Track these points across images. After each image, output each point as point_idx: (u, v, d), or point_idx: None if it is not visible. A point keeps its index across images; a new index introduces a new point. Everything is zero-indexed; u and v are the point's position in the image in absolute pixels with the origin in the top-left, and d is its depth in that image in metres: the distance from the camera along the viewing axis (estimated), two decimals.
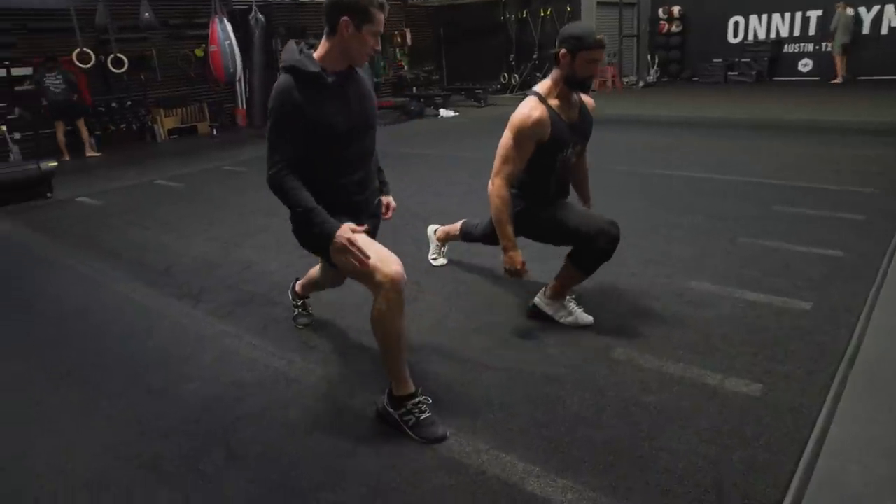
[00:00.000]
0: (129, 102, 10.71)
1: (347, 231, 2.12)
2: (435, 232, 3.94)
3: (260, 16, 10.99)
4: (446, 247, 3.96)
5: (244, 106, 11.84)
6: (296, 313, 3.22)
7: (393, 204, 2.69)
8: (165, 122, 11.15)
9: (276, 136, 2.20)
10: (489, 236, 3.24)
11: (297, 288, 3.20)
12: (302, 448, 2.23)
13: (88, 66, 9.58)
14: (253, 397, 2.58)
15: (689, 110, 10.45)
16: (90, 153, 9.65)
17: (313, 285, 3.08)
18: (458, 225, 3.65)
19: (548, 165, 2.82)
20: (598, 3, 14.67)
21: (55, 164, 6.96)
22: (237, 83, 11.39)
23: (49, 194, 6.84)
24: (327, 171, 2.30)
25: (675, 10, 15.32)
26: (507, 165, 2.75)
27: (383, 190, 2.67)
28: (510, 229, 2.79)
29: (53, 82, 8.94)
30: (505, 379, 2.59)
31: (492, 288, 3.57)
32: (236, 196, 6.37)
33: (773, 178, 5.51)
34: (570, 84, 2.72)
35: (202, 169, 8.04)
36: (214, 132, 11.45)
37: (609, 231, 2.77)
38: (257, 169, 6.87)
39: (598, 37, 2.61)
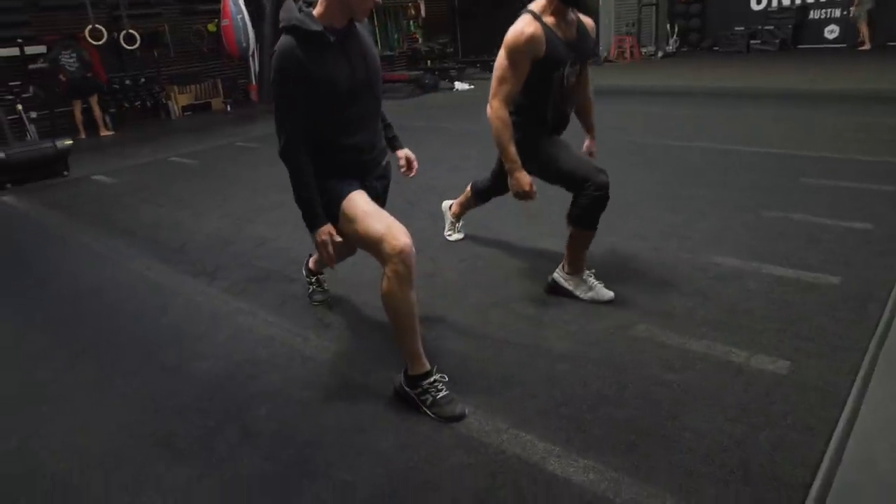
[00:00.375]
0: (142, 80, 10.65)
1: (325, 234, 2.21)
2: (450, 207, 3.87)
3: None
4: (461, 221, 3.89)
5: (256, 81, 11.73)
6: (311, 290, 3.19)
7: (412, 155, 2.63)
8: (179, 99, 11.11)
9: (283, 104, 2.14)
10: (497, 182, 3.19)
11: (311, 264, 3.16)
12: (317, 426, 2.20)
13: (101, 42, 9.51)
14: (267, 375, 2.56)
15: (710, 81, 10.17)
16: (104, 132, 9.65)
17: None
18: (467, 190, 3.60)
19: (545, 86, 2.72)
20: None
21: (71, 142, 6.96)
22: (250, 58, 11.28)
23: (65, 172, 6.86)
24: (330, 131, 2.24)
25: None
26: (503, 86, 2.67)
27: (395, 145, 2.61)
28: (513, 149, 2.71)
29: (68, 60, 8.92)
30: (524, 356, 2.54)
31: (510, 262, 3.50)
32: (249, 172, 6.34)
33: (799, 149, 5.33)
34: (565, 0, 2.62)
35: (216, 145, 8.01)
36: (228, 108, 11.39)
37: (597, 178, 2.68)
38: (270, 145, 6.80)
39: None
